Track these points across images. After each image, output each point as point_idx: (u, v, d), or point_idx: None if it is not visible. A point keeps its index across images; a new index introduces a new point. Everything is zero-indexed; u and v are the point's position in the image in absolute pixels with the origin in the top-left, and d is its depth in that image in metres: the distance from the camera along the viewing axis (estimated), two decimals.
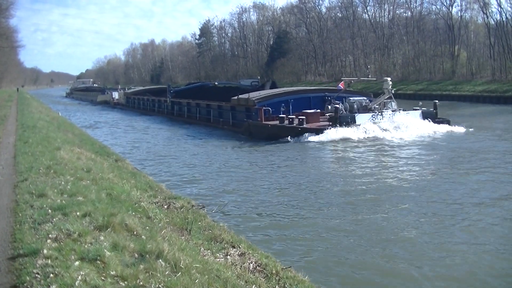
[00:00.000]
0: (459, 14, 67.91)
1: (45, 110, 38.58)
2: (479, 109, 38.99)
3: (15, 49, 74.57)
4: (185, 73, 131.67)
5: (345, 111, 26.92)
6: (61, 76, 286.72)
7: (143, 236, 6.07)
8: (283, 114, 27.91)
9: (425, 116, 27.11)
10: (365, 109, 27.12)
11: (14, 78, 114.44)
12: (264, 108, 28.54)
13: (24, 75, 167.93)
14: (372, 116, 26.04)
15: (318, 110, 28.37)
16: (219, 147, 24.74)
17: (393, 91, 27.49)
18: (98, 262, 4.89)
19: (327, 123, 26.02)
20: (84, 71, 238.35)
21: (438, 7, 70.67)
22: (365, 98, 29.36)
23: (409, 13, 76.21)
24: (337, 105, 26.23)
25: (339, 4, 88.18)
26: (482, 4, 62.65)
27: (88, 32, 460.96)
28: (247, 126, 28.48)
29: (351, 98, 28.47)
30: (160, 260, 5.15)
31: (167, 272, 4.90)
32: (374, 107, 27.03)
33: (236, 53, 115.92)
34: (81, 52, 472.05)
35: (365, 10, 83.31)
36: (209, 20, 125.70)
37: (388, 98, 27.49)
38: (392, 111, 26.82)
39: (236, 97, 32.08)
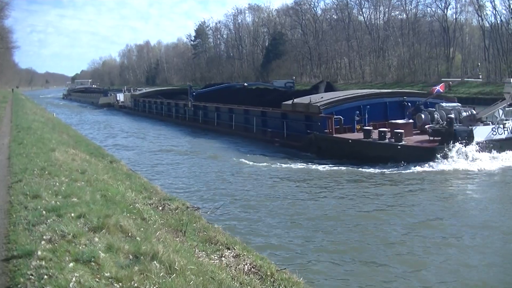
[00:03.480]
0: (454, 17, 68.36)
1: (40, 111, 38.37)
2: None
3: (10, 50, 74.40)
4: (181, 75, 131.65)
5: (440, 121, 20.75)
6: (56, 77, 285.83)
7: (138, 238, 6.06)
8: (357, 123, 22.56)
9: None
10: (471, 120, 20.82)
11: (9, 79, 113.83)
12: (334, 116, 22.31)
13: (19, 76, 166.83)
14: (492, 129, 19.87)
15: (411, 121, 22.08)
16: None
17: None
18: (93, 263, 4.88)
19: (427, 138, 19.80)
20: (79, 72, 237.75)
21: (433, 9, 71.17)
22: (459, 104, 23.20)
23: (404, 15, 76.52)
24: (451, 115, 20.02)
25: (335, 6, 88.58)
26: (477, 6, 63.05)
27: (85, 33, 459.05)
28: (312, 139, 22.25)
29: (444, 105, 22.29)
30: (155, 262, 5.15)
31: (161, 274, 4.90)
32: (485, 118, 21.12)
33: (231, 54, 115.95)
34: (77, 53, 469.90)
35: (361, 12, 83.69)
36: (204, 22, 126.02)
37: (509, 106, 21.09)
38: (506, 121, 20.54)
39: (289, 102, 25.74)
